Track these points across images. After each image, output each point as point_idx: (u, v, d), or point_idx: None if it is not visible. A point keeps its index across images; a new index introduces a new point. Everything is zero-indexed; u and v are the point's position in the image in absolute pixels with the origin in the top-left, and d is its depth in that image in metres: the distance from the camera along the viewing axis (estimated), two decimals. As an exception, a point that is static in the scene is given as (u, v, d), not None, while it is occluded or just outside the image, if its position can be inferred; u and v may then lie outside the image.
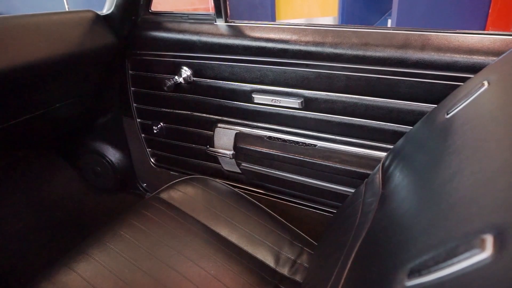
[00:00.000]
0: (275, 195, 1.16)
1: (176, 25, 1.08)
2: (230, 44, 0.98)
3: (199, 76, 1.08)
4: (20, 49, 0.89)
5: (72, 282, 0.72)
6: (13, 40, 0.88)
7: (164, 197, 0.95)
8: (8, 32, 0.88)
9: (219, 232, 0.87)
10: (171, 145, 1.28)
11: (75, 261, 0.76)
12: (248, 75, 0.99)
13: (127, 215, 0.89)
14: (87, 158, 1.54)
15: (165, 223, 0.87)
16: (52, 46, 0.95)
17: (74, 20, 1.04)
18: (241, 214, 0.92)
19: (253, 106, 1.03)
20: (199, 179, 1.03)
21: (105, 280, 0.72)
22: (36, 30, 0.94)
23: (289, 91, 0.96)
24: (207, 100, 1.11)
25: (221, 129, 1.13)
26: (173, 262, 0.78)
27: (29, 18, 0.94)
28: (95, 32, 1.06)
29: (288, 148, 1.02)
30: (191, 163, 1.29)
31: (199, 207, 0.93)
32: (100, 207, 1.54)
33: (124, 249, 0.79)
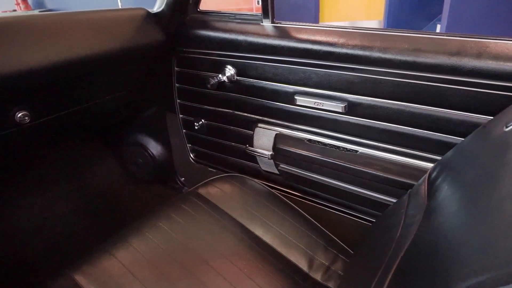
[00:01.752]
0: (312, 198, 1.15)
1: (223, 24, 1.10)
2: (276, 45, 0.98)
3: (242, 76, 1.09)
4: (75, 43, 0.94)
5: (112, 267, 0.75)
6: (68, 34, 0.93)
7: (201, 193, 0.97)
8: (63, 27, 0.93)
9: (254, 231, 0.88)
10: (211, 142, 1.31)
11: (115, 248, 0.79)
12: (292, 77, 0.99)
13: (165, 208, 0.92)
14: (130, 150, 1.60)
15: (201, 218, 0.89)
16: (104, 41, 1.00)
17: (126, 17, 1.08)
18: (276, 215, 0.92)
19: (294, 107, 1.03)
20: (237, 177, 1.04)
21: (141, 268, 0.75)
22: (90, 26, 0.99)
23: (332, 95, 0.95)
24: (249, 100, 1.12)
25: (261, 129, 1.13)
26: (207, 256, 0.79)
27: (83, 15, 1.00)
28: (145, 29, 1.10)
29: (328, 152, 1.01)
30: (229, 161, 1.30)
31: (235, 205, 0.94)
32: (139, 198, 1.59)
33: (161, 240, 0.82)
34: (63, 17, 0.95)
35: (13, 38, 0.83)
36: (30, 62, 0.85)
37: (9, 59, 0.82)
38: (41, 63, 0.87)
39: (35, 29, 0.88)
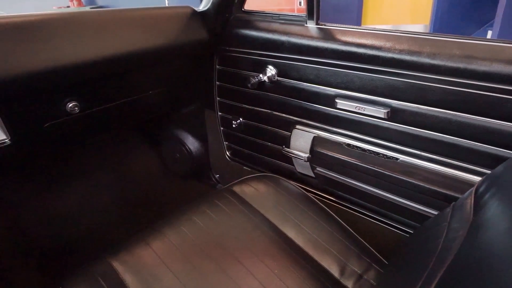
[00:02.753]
0: (347, 204, 1.12)
1: (266, 24, 1.10)
2: (319, 46, 0.97)
3: (283, 76, 1.09)
4: (123, 39, 0.98)
5: (147, 256, 0.77)
6: (118, 31, 0.97)
7: (236, 191, 0.98)
8: (113, 23, 0.98)
9: (286, 233, 0.87)
10: (247, 140, 1.32)
11: (151, 238, 0.82)
12: (334, 80, 0.98)
13: (200, 203, 0.93)
14: (168, 144, 1.64)
15: (235, 216, 0.89)
16: (151, 38, 1.03)
17: (173, 15, 1.12)
18: (309, 218, 0.91)
19: (334, 111, 1.01)
20: (272, 177, 1.04)
21: (175, 259, 0.77)
22: (138, 23, 1.02)
23: (375, 100, 0.92)
24: (288, 101, 1.11)
25: (299, 130, 1.12)
26: (239, 254, 0.79)
27: (132, 12, 1.04)
28: (191, 27, 1.13)
29: (367, 158, 0.99)
30: (264, 161, 1.30)
31: (269, 205, 0.94)
32: (174, 191, 1.64)
33: (195, 234, 0.83)
34: (113, 14, 1.00)
35: (67, 33, 0.88)
36: (82, 56, 0.90)
37: (63, 53, 0.86)
38: (91, 57, 0.91)
39: (87, 25, 0.93)
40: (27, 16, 0.85)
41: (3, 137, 0.88)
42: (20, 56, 0.80)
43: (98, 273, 0.73)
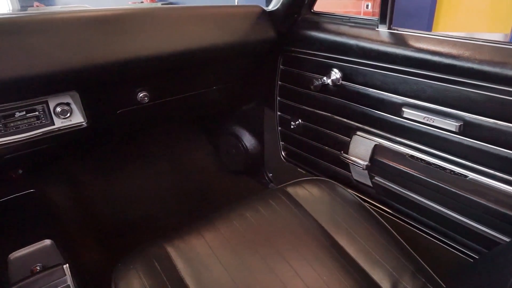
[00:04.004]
0: (405, 218, 1.07)
1: (335, 27, 1.08)
2: (390, 52, 0.93)
3: (348, 80, 1.06)
4: (193, 35, 1.02)
5: (200, 246, 0.80)
6: (188, 27, 1.02)
7: (290, 192, 0.97)
8: (184, 20, 1.02)
9: (338, 240, 0.85)
10: (304, 143, 1.30)
11: (204, 229, 0.84)
12: (402, 87, 0.93)
13: (253, 200, 0.94)
14: (225, 139, 1.68)
15: (286, 216, 0.89)
16: (220, 35, 1.07)
17: (242, 14, 1.14)
18: (363, 228, 0.88)
19: (400, 120, 0.97)
20: (327, 182, 1.02)
21: (225, 252, 0.78)
22: (208, 20, 1.06)
23: (447, 111, 0.87)
24: (351, 106, 1.08)
25: (360, 137, 1.09)
26: (288, 255, 0.79)
27: (203, 9, 1.07)
28: (259, 26, 1.14)
29: (432, 172, 0.93)
30: (320, 165, 1.29)
31: (322, 210, 0.92)
32: (227, 186, 1.67)
33: (247, 229, 0.84)
34: (185, 11, 1.04)
35: (142, 27, 0.94)
36: (155, 49, 0.95)
37: (139, 45, 0.92)
38: (164, 51, 0.96)
39: (160, 20, 0.98)
40: (108, 10, 0.92)
41: (81, 120, 0.96)
42: (101, 46, 0.87)
43: (153, 255, 0.77)
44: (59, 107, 0.90)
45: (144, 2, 5.21)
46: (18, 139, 0.88)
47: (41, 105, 0.88)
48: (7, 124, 0.85)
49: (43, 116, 0.89)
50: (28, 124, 0.88)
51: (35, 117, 0.89)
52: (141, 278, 0.72)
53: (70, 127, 0.94)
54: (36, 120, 0.89)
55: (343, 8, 4.13)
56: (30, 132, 0.89)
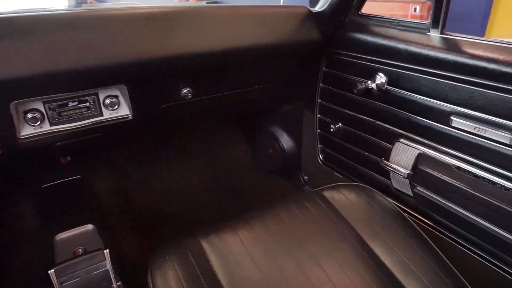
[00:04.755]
0: (446, 232, 1.02)
1: (383, 30, 1.05)
2: (441, 58, 0.89)
3: (393, 85, 1.03)
4: (238, 34, 1.03)
5: (233, 243, 0.80)
6: (234, 26, 1.03)
7: (326, 196, 0.96)
8: (230, 19, 1.03)
9: (373, 248, 0.83)
10: (343, 147, 1.28)
11: (238, 227, 0.85)
12: (452, 95, 0.89)
13: (289, 201, 0.94)
14: (263, 139, 1.69)
15: (321, 221, 0.88)
16: (266, 35, 1.07)
17: (288, 14, 1.14)
18: (401, 239, 0.85)
19: (447, 129, 0.93)
20: (366, 189, 0.99)
21: (259, 251, 0.79)
22: (254, 20, 1.07)
23: (501, 123, 0.82)
24: (395, 112, 1.05)
25: (403, 144, 1.05)
26: (321, 260, 0.78)
27: (249, 9, 1.08)
28: (305, 27, 1.14)
29: (481, 186, 0.88)
30: (358, 170, 1.26)
31: (359, 217, 0.90)
32: (261, 185, 1.68)
33: (281, 230, 0.84)
34: (231, 10, 1.06)
35: (189, 25, 0.96)
36: (201, 47, 0.97)
37: (185, 42, 0.95)
38: (209, 48, 0.98)
39: (207, 19, 1.00)
40: (158, 7, 0.96)
41: (127, 113, 1.00)
42: (150, 42, 0.91)
43: (188, 248, 0.78)
44: (108, 99, 0.95)
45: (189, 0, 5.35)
46: (69, 127, 0.93)
47: (92, 97, 0.93)
48: (61, 113, 0.91)
49: (93, 107, 0.94)
50: (79, 114, 0.93)
51: (86, 108, 0.93)
52: (176, 269, 0.73)
53: (117, 118, 0.99)
54: (87, 111, 0.94)
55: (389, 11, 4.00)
56: (81, 122, 0.94)
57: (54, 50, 0.80)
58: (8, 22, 0.78)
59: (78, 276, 0.90)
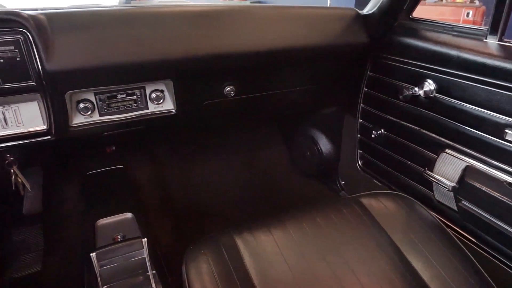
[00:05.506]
0: (492, 251, 0.97)
1: (435, 35, 1.01)
2: (499, 66, 0.84)
3: (443, 93, 0.98)
4: (284, 34, 1.03)
5: (267, 242, 0.80)
6: (281, 26, 1.03)
7: (364, 203, 0.94)
8: (277, 18, 1.03)
9: (411, 261, 0.80)
10: (384, 154, 1.24)
11: (273, 227, 0.85)
12: (508, 107, 0.84)
13: (326, 206, 0.92)
14: (300, 141, 1.68)
15: (358, 228, 0.86)
16: (312, 36, 1.06)
17: (335, 16, 1.12)
18: (442, 254, 0.81)
19: (501, 142, 0.87)
20: (405, 198, 0.96)
21: (292, 253, 0.78)
22: (301, 20, 1.06)
23: None
24: (443, 121, 1.00)
25: (449, 155, 1.01)
26: (356, 268, 0.76)
27: (296, 9, 1.08)
28: (352, 30, 1.12)
29: None
30: (399, 179, 1.21)
31: (398, 227, 0.87)
32: (296, 187, 1.67)
33: (316, 234, 0.83)
34: (278, 10, 1.06)
35: (235, 24, 0.97)
36: (246, 46, 0.98)
37: (229, 41, 0.96)
38: (255, 47, 0.99)
39: (253, 18, 1.01)
40: (207, 6, 0.98)
41: (171, 107, 1.03)
42: (199, 39, 0.93)
43: (223, 244, 0.79)
44: (154, 93, 0.98)
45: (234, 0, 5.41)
46: (117, 118, 0.97)
47: (139, 90, 0.97)
48: (110, 105, 0.95)
49: (139, 100, 0.98)
50: (126, 106, 0.97)
51: (133, 101, 0.97)
52: (210, 263, 0.75)
53: (161, 112, 1.02)
54: (133, 103, 0.98)
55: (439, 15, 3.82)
56: (127, 114, 0.98)
57: (109, 44, 0.83)
58: (67, 17, 0.83)
59: (116, 262, 0.94)
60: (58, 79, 0.81)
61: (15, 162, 0.93)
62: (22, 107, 0.84)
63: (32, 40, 0.76)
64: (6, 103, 0.82)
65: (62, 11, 0.84)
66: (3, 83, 0.76)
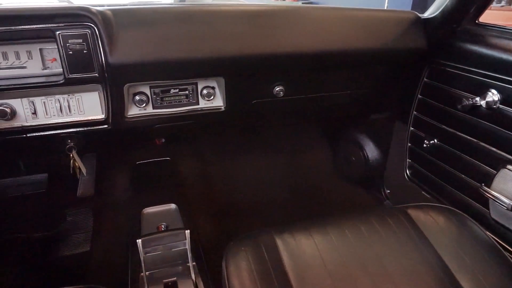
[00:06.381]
0: None
1: (504, 42, 0.94)
2: None
3: (508, 105, 0.92)
4: (339, 36, 1.01)
5: (308, 245, 0.80)
6: (335, 28, 1.01)
7: (411, 214, 0.90)
8: (332, 20, 1.01)
9: (460, 281, 0.75)
10: (436, 165, 1.18)
11: (314, 230, 0.84)
12: None
13: (370, 214, 0.90)
14: (346, 145, 1.64)
15: (403, 240, 0.82)
16: (367, 39, 1.03)
17: (394, 19, 1.08)
18: (496, 277, 0.76)
19: None
20: (457, 214, 0.91)
21: (332, 259, 0.77)
22: (357, 23, 1.03)
23: None
24: (506, 134, 0.94)
25: (511, 172, 0.94)
26: (399, 282, 0.73)
27: (352, 11, 1.05)
28: (410, 34, 1.07)
29: None
30: (450, 193, 1.15)
31: (447, 243, 0.83)
32: (339, 192, 1.63)
33: (358, 242, 0.81)
34: (331, 11, 1.04)
35: (288, 24, 0.97)
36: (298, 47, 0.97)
37: (283, 41, 0.96)
38: (306, 49, 0.98)
39: (307, 19, 1.00)
40: (262, 5, 0.98)
41: (221, 104, 1.05)
42: (252, 38, 0.94)
43: (263, 243, 0.80)
44: (205, 90, 1.01)
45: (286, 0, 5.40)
46: (169, 112, 1.01)
47: (191, 86, 1.00)
48: (163, 98, 0.98)
49: (191, 95, 1.01)
50: (178, 100, 1.00)
51: (185, 96, 1.00)
52: (250, 261, 0.75)
53: (211, 108, 1.04)
54: (185, 98, 1.01)
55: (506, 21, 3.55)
56: (179, 108, 1.01)
57: (167, 40, 0.87)
58: (131, 13, 0.87)
59: (160, 250, 0.97)
60: (119, 72, 0.86)
61: (74, 148, 1.00)
62: (84, 97, 0.90)
63: (98, 34, 0.80)
64: (70, 92, 0.88)
65: (127, 8, 0.88)
66: (70, 73, 0.82)
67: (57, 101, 0.88)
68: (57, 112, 0.89)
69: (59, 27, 0.78)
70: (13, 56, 0.82)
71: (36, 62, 0.84)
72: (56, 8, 0.79)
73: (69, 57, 0.80)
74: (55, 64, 0.84)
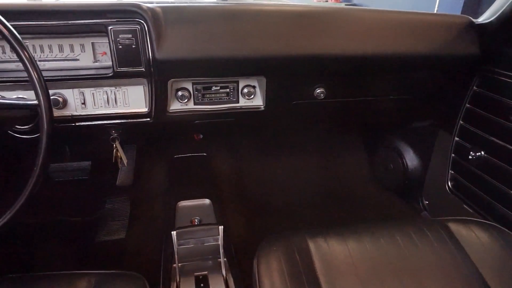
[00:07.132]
0: None
1: None
2: None
3: None
4: (386, 40, 0.98)
5: (341, 252, 0.78)
6: (382, 31, 0.98)
7: (452, 228, 0.86)
8: (378, 23, 0.98)
9: None
10: (481, 178, 1.12)
11: (348, 237, 0.82)
12: None
13: (407, 225, 0.87)
14: (385, 152, 1.59)
15: (442, 255, 0.79)
16: (415, 44, 0.99)
17: (445, 23, 1.03)
18: None
19: None
20: (503, 232, 0.85)
21: (365, 268, 0.75)
22: (405, 26, 1.00)
23: None
24: None
25: None
26: None
27: (400, 14, 1.01)
28: (462, 40, 1.02)
29: None
30: (496, 208, 1.09)
31: (490, 263, 0.78)
32: (374, 200, 1.59)
33: (394, 253, 0.79)
34: (378, 14, 1.01)
35: (329, 26, 0.95)
36: (342, 49, 0.95)
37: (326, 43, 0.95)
38: (350, 51, 0.96)
39: (349, 21, 0.97)
40: (306, 6, 0.97)
41: (260, 103, 1.05)
42: (296, 39, 0.93)
43: (296, 245, 0.79)
44: (246, 88, 1.01)
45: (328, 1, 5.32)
46: (209, 108, 1.03)
47: (233, 84, 1.01)
48: (205, 95, 1.00)
49: (232, 93, 1.02)
50: (219, 98, 1.02)
51: (226, 93, 1.02)
52: (281, 262, 0.75)
53: (250, 107, 1.05)
54: (226, 96, 1.02)
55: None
56: (219, 105, 1.03)
57: (212, 38, 0.88)
58: (179, 10, 0.90)
59: (193, 243, 0.99)
60: (164, 67, 0.88)
61: (118, 138, 1.04)
62: (130, 90, 0.94)
63: (147, 30, 0.83)
64: (117, 85, 0.92)
65: (175, 5, 0.91)
66: (118, 67, 0.85)
67: (104, 93, 0.92)
68: (104, 103, 0.93)
69: (111, 22, 0.82)
70: (68, 49, 0.87)
71: (88, 55, 0.88)
72: (109, 4, 0.83)
73: (119, 51, 0.84)
74: (105, 57, 0.88)
